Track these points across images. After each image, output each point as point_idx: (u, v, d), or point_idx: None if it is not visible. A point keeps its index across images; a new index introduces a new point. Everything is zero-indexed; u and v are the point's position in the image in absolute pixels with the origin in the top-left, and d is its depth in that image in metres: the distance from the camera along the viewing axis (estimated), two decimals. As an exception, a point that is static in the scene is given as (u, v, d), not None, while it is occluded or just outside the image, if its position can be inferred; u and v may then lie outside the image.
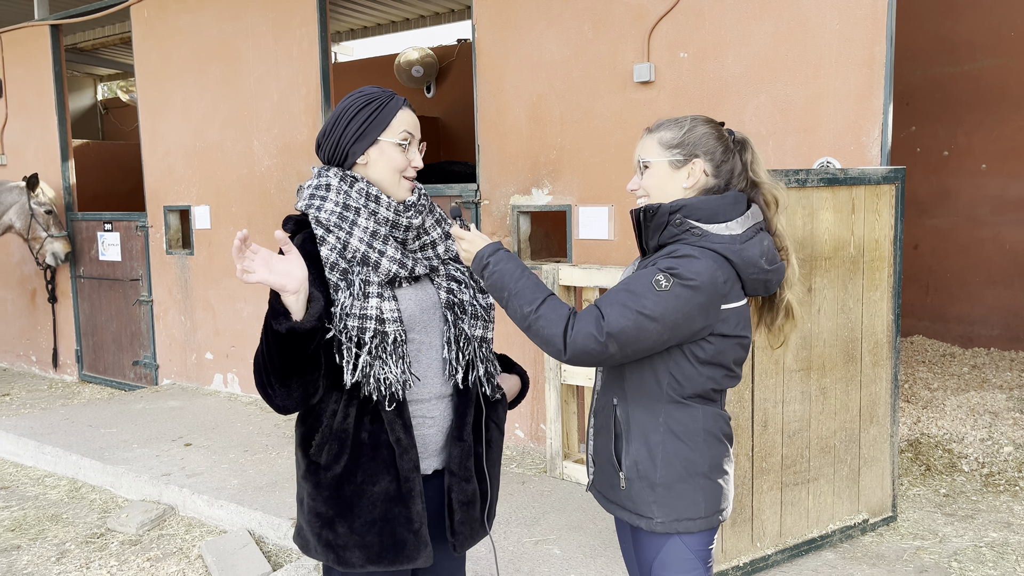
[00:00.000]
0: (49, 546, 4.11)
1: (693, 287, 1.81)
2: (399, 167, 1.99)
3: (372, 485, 1.92)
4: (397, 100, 2.00)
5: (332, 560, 1.96)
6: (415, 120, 2.04)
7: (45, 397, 7.11)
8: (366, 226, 1.92)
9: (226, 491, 4.39)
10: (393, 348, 1.90)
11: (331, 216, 1.92)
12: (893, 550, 3.55)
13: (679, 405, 1.92)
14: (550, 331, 1.84)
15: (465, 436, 2.02)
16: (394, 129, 1.98)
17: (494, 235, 4.94)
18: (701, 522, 1.94)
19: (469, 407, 2.03)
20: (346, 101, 2.00)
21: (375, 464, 1.92)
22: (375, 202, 1.94)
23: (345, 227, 1.91)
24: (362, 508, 1.92)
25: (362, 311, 1.87)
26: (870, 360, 3.63)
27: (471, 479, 2.03)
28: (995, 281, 6.78)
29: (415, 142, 2.03)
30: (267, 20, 5.90)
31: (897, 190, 3.61)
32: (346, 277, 1.89)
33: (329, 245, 1.90)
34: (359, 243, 1.90)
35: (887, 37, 3.65)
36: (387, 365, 1.89)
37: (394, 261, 1.92)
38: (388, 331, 1.89)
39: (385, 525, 1.93)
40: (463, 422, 2.02)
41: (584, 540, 3.69)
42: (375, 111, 1.96)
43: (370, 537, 1.93)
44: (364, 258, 1.90)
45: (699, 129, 1.96)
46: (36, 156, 7.58)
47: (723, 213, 1.90)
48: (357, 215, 1.92)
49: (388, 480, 1.92)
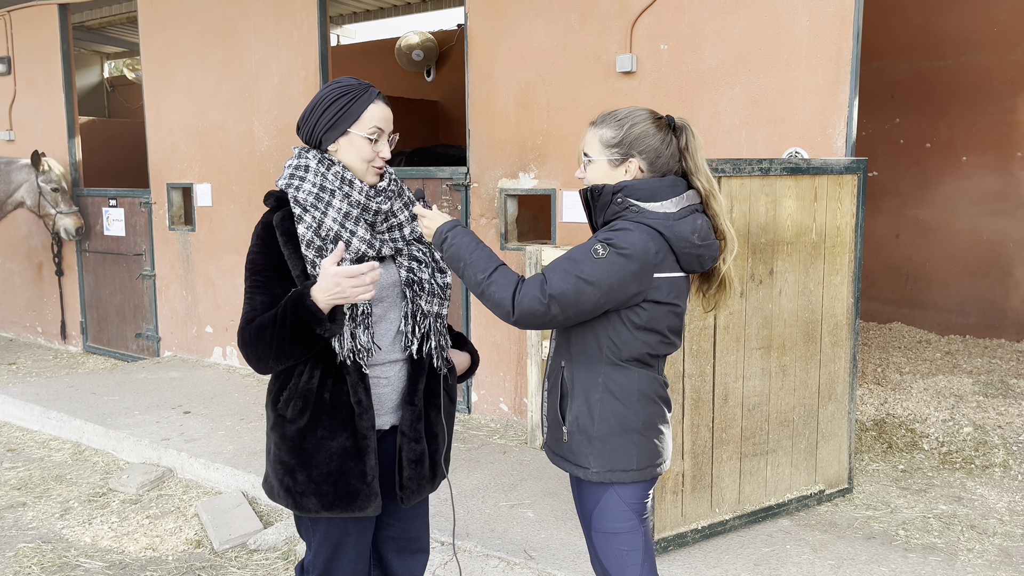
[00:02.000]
0: (53, 503, 4.35)
1: (627, 255, 2.02)
2: (367, 158, 2.17)
3: (331, 440, 2.13)
4: (370, 94, 2.17)
5: (291, 504, 2.19)
6: (387, 113, 2.21)
7: (51, 366, 7.35)
8: (340, 207, 2.11)
9: (222, 455, 4.62)
10: (362, 319, 2.11)
11: (308, 196, 2.11)
12: (846, 518, 3.77)
13: (617, 367, 2.14)
14: (500, 295, 2.06)
15: (416, 401, 2.24)
16: (364, 123, 2.16)
17: (482, 217, 5.15)
18: (633, 474, 2.16)
19: (421, 375, 2.25)
20: (324, 90, 2.19)
21: (335, 421, 2.13)
22: (349, 185, 2.14)
23: (320, 207, 2.10)
24: (320, 460, 2.14)
25: None
26: (830, 340, 3.84)
27: (420, 439, 2.25)
28: (972, 271, 6.98)
29: (384, 135, 2.20)
30: (269, 3, 6.08)
31: (859, 180, 3.81)
32: (321, 254, 2.09)
33: (305, 224, 2.10)
34: (332, 223, 2.10)
35: (854, 34, 3.83)
36: (356, 334, 2.11)
37: (363, 241, 2.13)
38: (358, 303, 2.10)
39: (340, 477, 2.14)
40: (415, 388, 2.24)
41: (557, 505, 3.92)
42: (347, 104, 2.14)
43: (326, 486, 2.14)
44: (336, 237, 2.10)
45: (637, 128, 2.14)
46: (43, 133, 7.78)
47: (660, 194, 2.11)
48: (332, 196, 2.12)
49: (346, 437, 2.14)
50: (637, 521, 2.20)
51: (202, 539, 3.91)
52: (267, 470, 2.27)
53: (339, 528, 2.20)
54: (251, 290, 2.12)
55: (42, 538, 3.94)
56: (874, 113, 7.35)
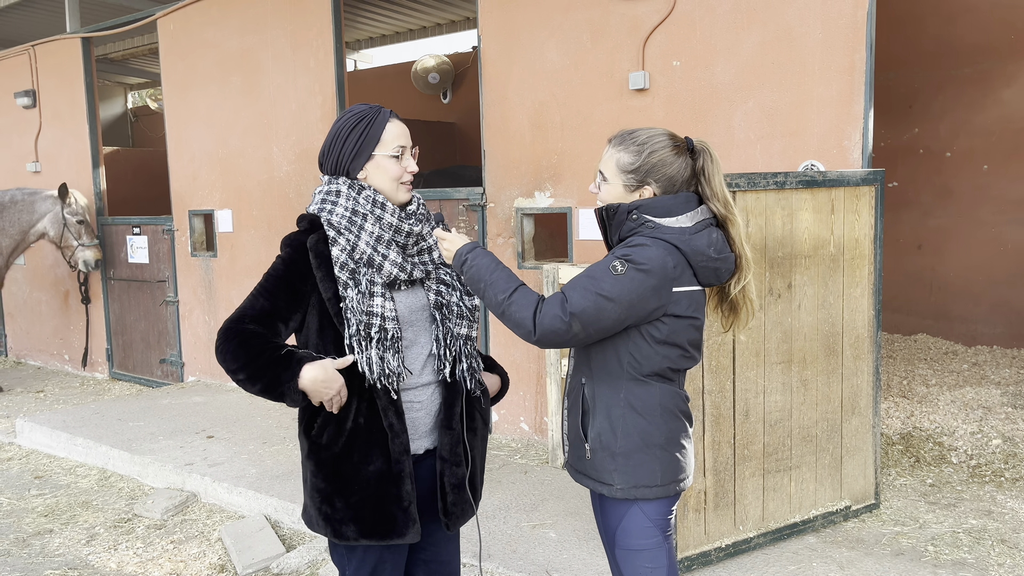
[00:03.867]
0: (80, 530, 4.39)
1: (645, 271, 2.03)
2: (396, 176, 2.20)
3: (366, 465, 2.13)
4: (384, 114, 2.21)
5: (329, 533, 2.18)
6: (404, 129, 2.25)
7: (77, 393, 7.44)
8: (372, 231, 2.14)
9: (245, 479, 4.64)
10: (391, 343, 2.13)
11: (342, 220, 2.14)
12: (873, 535, 3.71)
13: (638, 382, 2.13)
14: (521, 315, 2.07)
15: (454, 425, 2.24)
16: (386, 143, 2.19)
17: (499, 236, 5.17)
18: (658, 490, 2.15)
19: (457, 398, 2.26)
20: (338, 122, 2.22)
21: (369, 446, 2.14)
22: (381, 208, 2.17)
23: (354, 231, 2.13)
24: (357, 485, 2.14)
25: (368, 308, 2.11)
26: (851, 354, 3.80)
27: (461, 463, 2.25)
28: (997, 280, 6.88)
29: (407, 150, 2.24)
30: (285, 32, 6.18)
31: (876, 191, 3.78)
32: (354, 277, 2.12)
33: (339, 246, 2.13)
34: (366, 246, 2.13)
35: (867, 45, 3.82)
36: (386, 360, 2.12)
37: (395, 265, 2.15)
38: (388, 328, 2.12)
39: (378, 502, 2.14)
40: (451, 412, 2.25)
41: (579, 525, 3.89)
42: (366, 128, 2.18)
43: (364, 512, 2.14)
44: (369, 260, 2.13)
45: (655, 156, 2.14)
46: (69, 163, 7.93)
47: (675, 209, 2.12)
48: (365, 220, 2.15)
49: (381, 461, 2.14)
50: (661, 538, 2.19)
51: (225, 564, 3.92)
52: (305, 500, 2.28)
53: (375, 556, 2.20)
54: (258, 290, 2.14)
55: (68, 565, 3.97)
56: (893, 123, 7.30)
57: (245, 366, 2.05)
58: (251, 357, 2.05)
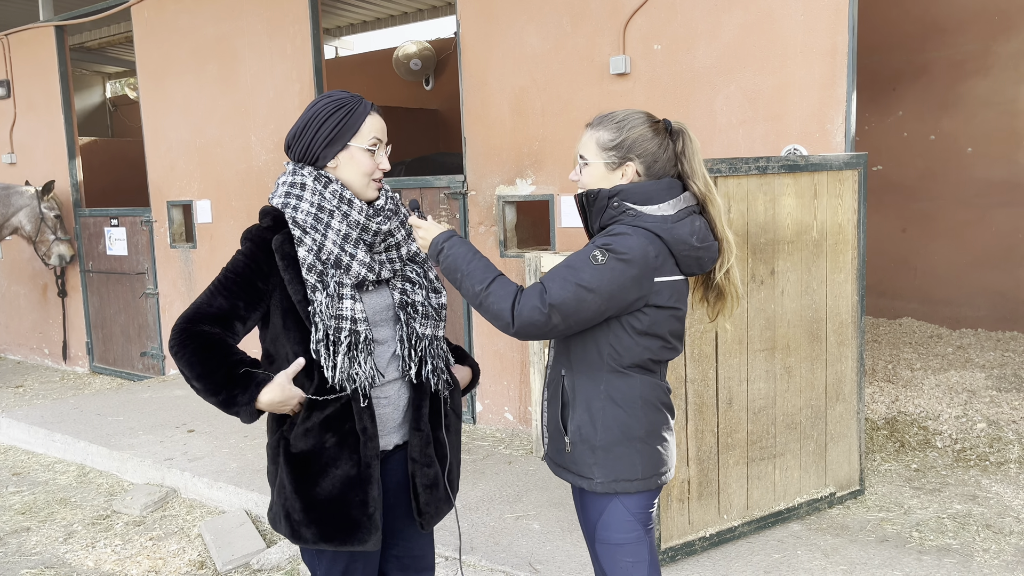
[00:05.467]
0: (57, 527, 4.32)
1: (626, 260, 1.97)
2: (367, 171, 2.12)
3: (334, 467, 2.07)
4: (366, 105, 2.12)
5: (288, 533, 2.11)
6: (383, 125, 2.16)
7: (57, 388, 7.34)
8: (339, 229, 2.05)
9: (225, 474, 4.58)
10: (364, 346, 2.06)
11: (307, 217, 2.05)
12: (858, 521, 3.69)
13: (618, 374, 2.08)
14: (499, 306, 2.01)
15: (422, 426, 2.18)
16: (363, 135, 2.10)
17: (481, 224, 5.10)
18: (639, 483, 2.10)
19: (424, 399, 2.19)
20: (317, 105, 2.12)
21: (339, 449, 2.07)
22: (348, 205, 2.07)
23: (320, 229, 2.04)
24: (323, 487, 2.07)
25: (337, 312, 2.03)
26: (835, 340, 3.76)
27: (432, 463, 2.19)
28: (982, 263, 6.88)
29: (383, 146, 2.16)
30: (261, 18, 6.07)
31: (859, 175, 3.74)
32: (322, 279, 2.03)
33: (306, 247, 2.03)
34: (332, 246, 2.04)
35: (849, 27, 3.77)
36: (357, 363, 2.05)
37: (363, 265, 2.06)
38: (360, 330, 2.05)
39: (342, 506, 2.07)
40: (419, 413, 2.18)
41: (563, 516, 3.85)
42: (345, 117, 2.08)
43: (326, 515, 2.07)
44: (337, 261, 2.04)
45: (635, 132, 2.09)
46: (44, 155, 7.80)
47: (657, 196, 2.06)
48: (331, 217, 2.05)
49: (350, 465, 2.07)
50: (642, 531, 2.14)
51: (205, 560, 3.87)
52: (272, 497, 2.21)
53: (344, 558, 2.14)
54: (217, 286, 2.05)
55: (45, 563, 3.90)
56: (876, 107, 7.26)
57: (201, 377, 1.99)
58: (208, 369, 1.98)
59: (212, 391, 1.99)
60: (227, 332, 2.04)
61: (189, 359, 1.99)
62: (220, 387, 1.99)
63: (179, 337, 2.01)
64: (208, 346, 1.99)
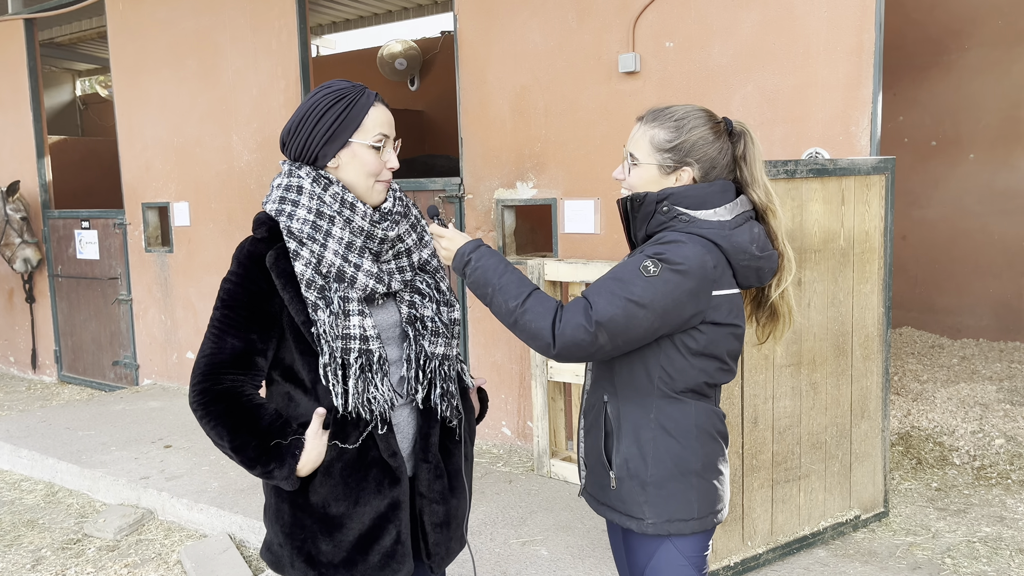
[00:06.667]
0: (24, 553, 4.01)
1: (682, 272, 1.74)
2: (373, 171, 1.86)
3: (361, 504, 1.84)
4: (369, 96, 1.87)
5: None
6: (389, 117, 1.91)
7: (24, 399, 6.97)
8: (341, 237, 1.80)
9: (206, 494, 4.29)
10: (379, 366, 1.81)
11: (304, 226, 1.79)
12: (886, 546, 3.49)
13: (671, 400, 1.85)
14: (537, 324, 1.76)
15: (431, 457, 1.93)
16: (367, 129, 1.85)
17: (478, 229, 4.86)
18: (694, 523, 1.86)
19: (433, 427, 1.94)
20: (314, 97, 1.86)
21: (362, 481, 1.84)
22: (350, 209, 1.82)
23: (319, 238, 1.79)
24: (352, 522, 1.83)
25: (345, 331, 1.78)
26: (861, 354, 3.56)
27: (443, 500, 1.94)
28: (983, 272, 6.75)
29: (390, 141, 1.90)
30: (245, 12, 5.78)
31: (887, 180, 3.54)
32: (324, 295, 1.78)
33: (303, 260, 1.78)
34: (334, 256, 1.78)
35: (876, 24, 3.58)
36: (373, 385, 1.81)
37: (371, 276, 1.81)
38: (373, 349, 1.80)
39: (377, 536, 1.85)
40: (427, 443, 1.93)
41: (572, 540, 3.61)
42: (345, 109, 1.83)
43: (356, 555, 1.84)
44: (340, 273, 1.79)
45: (696, 133, 1.86)
46: (11, 153, 7.43)
47: (711, 200, 1.84)
48: (332, 224, 1.80)
49: (378, 496, 1.84)
50: (698, 576, 1.90)
51: (186, 591, 3.58)
52: (270, 534, 1.93)
53: None
54: (221, 326, 1.79)
55: (9, 595, 3.60)
56: (875, 112, 7.12)
57: (232, 451, 1.78)
58: (238, 444, 1.77)
59: (247, 466, 1.80)
60: (250, 375, 1.81)
61: (217, 429, 1.77)
62: (254, 462, 1.78)
63: (199, 400, 1.78)
64: (232, 411, 1.77)
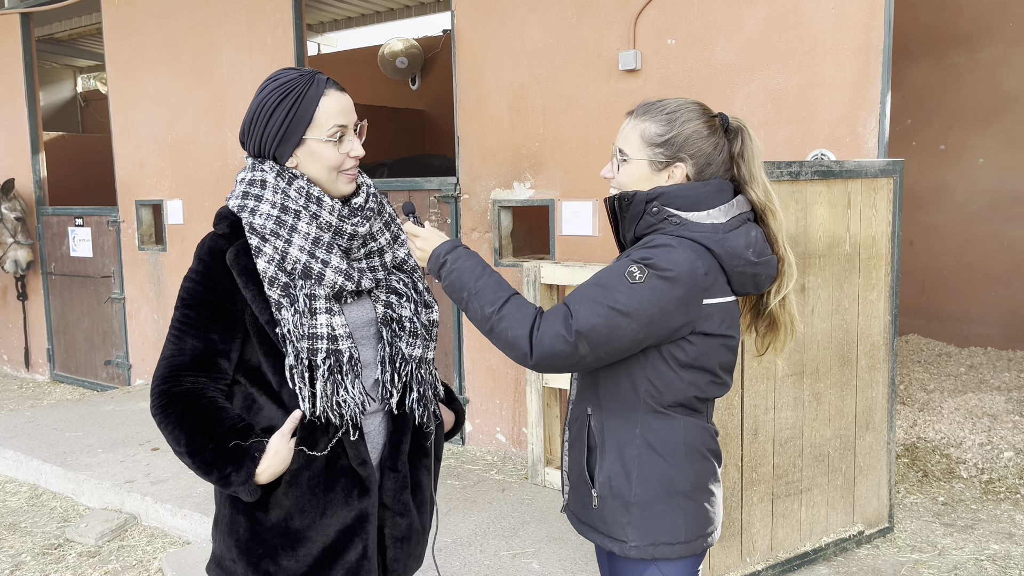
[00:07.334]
0: (4, 557, 3.90)
1: (670, 278, 1.62)
2: (334, 165, 1.73)
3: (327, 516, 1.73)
4: (319, 84, 1.71)
5: None
6: (345, 103, 1.74)
7: (15, 398, 6.87)
8: (307, 232, 1.68)
9: (191, 499, 4.17)
10: (349, 367, 1.70)
11: (267, 222, 1.68)
12: (890, 564, 3.36)
13: (658, 415, 1.72)
14: (514, 332, 1.65)
15: (400, 466, 1.82)
16: (320, 124, 1.70)
17: (474, 231, 4.74)
18: (681, 547, 1.74)
19: (405, 434, 1.83)
20: (261, 93, 1.72)
21: (330, 491, 1.73)
22: (316, 204, 1.70)
23: (284, 234, 1.67)
24: (317, 535, 1.73)
25: (311, 330, 1.67)
26: (866, 363, 3.44)
27: (407, 513, 1.83)
28: (992, 279, 6.61)
29: (350, 129, 1.75)
30: (240, 7, 5.67)
31: (895, 183, 3.42)
32: (288, 292, 1.66)
33: (266, 256, 1.67)
34: (299, 252, 1.67)
35: (885, 22, 3.45)
36: (343, 388, 1.70)
37: (339, 272, 1.69)
38: (342, 349, 1.69)
39: (341, 551, 1.74)
40: (397, 451, 1.81)
41: (565, 553, 3.49)
42: (294, 104, 1.68)
43: (319, 569, 1.73)
44: (306, 270, 1.67)
45: (689, 126, 1.74)
46: (7, 149, 7.34)
47: (705, 201, 1.71)
48: (297, 219, 1.69)
49: (346, 508, 1.74)
50: (686, 605, 1.78)
51: (165, 600, 3.46)
52: (220, 548, 1.80)
53: None
54: (181, 327, 1.69)
55: (-16, 603, 3.49)
56: (883, 115, 6.99)
57: (188, 454, 1.68)
58: (194, 446, 1.66)
59: (203, 470, 1.68)
60: (212, 377, 1.71)
61: (174, 432, 1.67)
62: (211, 466, 1.66)
63: (158, 403, 1.68)
64: (190, 414, 1.67)
